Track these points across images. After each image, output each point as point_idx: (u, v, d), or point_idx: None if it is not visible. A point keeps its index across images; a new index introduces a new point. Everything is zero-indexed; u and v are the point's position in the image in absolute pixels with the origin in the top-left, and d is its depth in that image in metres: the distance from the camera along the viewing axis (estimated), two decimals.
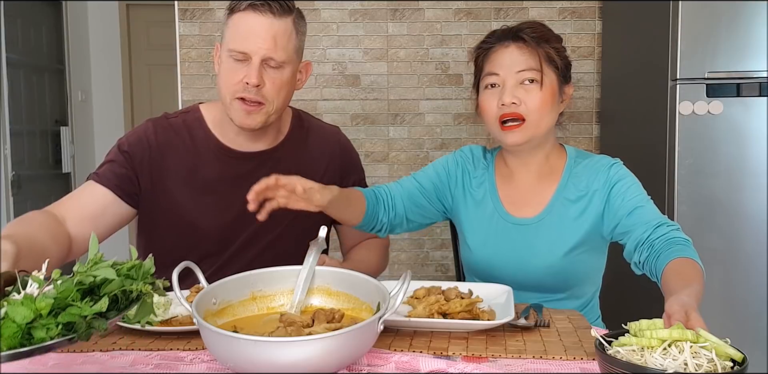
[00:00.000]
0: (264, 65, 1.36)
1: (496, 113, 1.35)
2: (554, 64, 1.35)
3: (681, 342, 0.83)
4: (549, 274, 1.38)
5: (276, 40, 1.35)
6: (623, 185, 1.36)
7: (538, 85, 1.33)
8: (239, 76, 1.36)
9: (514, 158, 1.44)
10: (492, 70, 1.36)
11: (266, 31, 1.35)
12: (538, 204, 1.41)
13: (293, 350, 0.85)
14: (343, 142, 1.62)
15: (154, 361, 0.99)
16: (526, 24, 1.38)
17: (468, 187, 1.48)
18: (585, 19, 3.02)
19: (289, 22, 1.38)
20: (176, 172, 1.46)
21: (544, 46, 1.35)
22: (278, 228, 1.48)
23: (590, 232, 1.38)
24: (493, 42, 1.38)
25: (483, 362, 0.99)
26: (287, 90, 1.42)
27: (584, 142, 3.05)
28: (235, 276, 1.09)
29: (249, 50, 1.35)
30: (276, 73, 1.38)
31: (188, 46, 3.04)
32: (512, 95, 1.32)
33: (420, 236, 3.11)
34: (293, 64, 1.41)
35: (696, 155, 2.20)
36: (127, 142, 1.47)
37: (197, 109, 1.53)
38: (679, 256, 1.17)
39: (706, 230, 2.20)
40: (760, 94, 2.16)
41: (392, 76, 3.06)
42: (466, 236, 1.47)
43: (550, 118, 1.36)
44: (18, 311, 0.74)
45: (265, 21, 1.35)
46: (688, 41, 2.16)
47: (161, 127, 1.48)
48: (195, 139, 1.48)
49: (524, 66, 1.33)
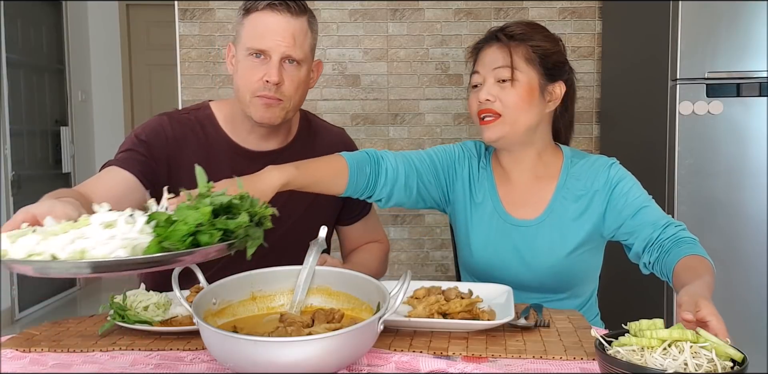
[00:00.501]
0: (283, 63, 1.38)
1: (475, 110, 1.38)
2: (535, 63, 1.35)
3: (681, 342, 0.83)
4: (551, 275, 1.39)
5: (294, 38, 1.38)
6: (625, 185, 1.36)
7: (511, 82, 1.34)
8: (258, 74, 1.38)
9: (505, 156, 1.44)
10: (475, 68, 1.40)
11: (285, 29, 1.37)
12: (538, 204, 1.41)
13: (293, 350, 0.85)
14: (348, 143, 1.63)
15: (154, 361, 0.99)
16: (513, 23, 1.39)
17: (473, 183, 1.47)
18: (585, 19, 3.02)
19: (304, 21, 1.41)
20: (190, 165, 1.45)
21: (524, 45, 1.35)
22: (282, 228, 1.48)
23: (591, 232, 1.38)
24: (482, 43, 1.41)
25: (483, 362, 0.99)
26: (303, 88, 1.44)
27: (584, 142, 3.06)
28: (235, 276, 1.09)
29: (268, 48, 1.37)
30: (294, 71, 1.40)
31: (188, 46, 3.05)
32: (487, 93, 1.35)
33: (420, 236, 3.11)
34: (308, 62, 1.44)
35: (696, 155, 2.20)
36: (144, 132, 1.46)
37: (208, 106, 1.53)
38: (689, 254, 1.20)
39: (706, 230, 2.20)
40: (760, 94, 2.16)
41: (392, 76, 3.06)
42: (468, 237, 1.46)
43: (529, 116, 1.35)
44: (189, 214, 0.82)
45: (283, 19, 1.37)
46: (688, 41, 2.16)
47: (176, 121, 1.48)
48: (207, 136, 1.48)
49: (499, 63, 1.35)
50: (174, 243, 0.81)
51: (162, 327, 1.12)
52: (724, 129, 2.18)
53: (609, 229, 1.37)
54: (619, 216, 1.34)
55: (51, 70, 4.90)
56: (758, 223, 2.18)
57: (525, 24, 1.39)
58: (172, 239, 0.82)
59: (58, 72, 5.00)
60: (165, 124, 1.47)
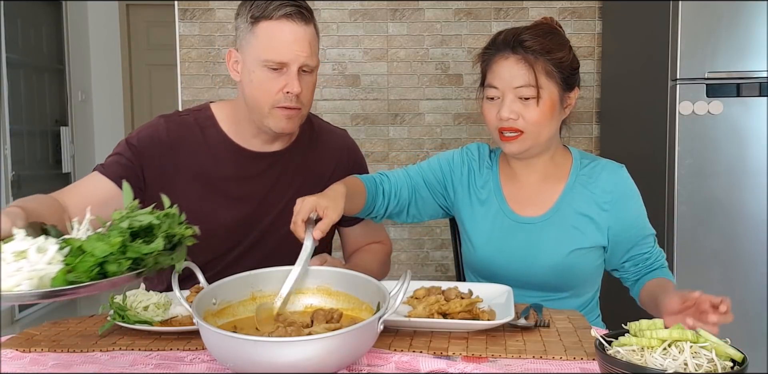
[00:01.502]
0: (300, 72, 1.37)
1: (495, 124, 1.36)
2: (555, 77, 1.33)
3: (681, 342, 0.83)
4: (553, 273, 1.39)
5: (311, 46, 1.37)
6: (632, 207, 1.39)
7: (536, 100, 1.32)
8: (278, 85, 1.36)
9: (518, 161, 1.44)
10: (491, 82, 1.36)
11: (302, 38, 1.36)
12: (544, 203, 1.42)
13: (293, 350, 0.85)
14: (350, 144, 1.63)
15: (154, 361, 0.99)
16: (529, 32, 1.33)
17: (473, 187, 1.48)
18: (585, 19, 3.02)
19: (314, 26, 1.40)
20: (188, 168, 1.46)
21: (543, 59, 1.31)
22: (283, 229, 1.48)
23: (594, 235, 1.39)
24: (494, 51, 1.36)
25: (483, 362, 0.99)
26: (313, 92, 1.45)
27: (584, 142, 3.06)
28: (235, 276, 1.09)
29: (288, 59, 1.35)
30: (309, 78, 1.40)
31: (188, 46, 3.04)
32: (510, 110, 1.32)
33: (420, 236, 3.11)
34: (317, 68, 1.43)
35: (696, 155, 2.20)
36: (137, 136, 1.46)
37: (208, 107, 1.53)
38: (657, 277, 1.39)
39: (706, 230, 2.20)
40: (760, 94, 2.16)
41: (392, 76, 3.06)
42: (470, 234, 1.47)
43: (550, 129, 1.36)
44: (96, 246, 0.82)
45: (299, 29, 1.35)
46: (688, 41, 2.16)
47: (174, 124, 1.48)
48: (207, 138, 1.48)
49: (522, 82, 1.31)
50: (79, 275, 0.82)
51: (162, 327, 1.12)
52: (724, 129, 2.18)
53: (606, 241, 1.41)
54: (617, 246, 1.40)
55: (51, 70, 4.90)
56: (758, 223, 2.18)
57: (540, 33, 1.34)
58: (78, 270, 0.82)
59: (58, 72, 5.00)
60: (161, 128, 1.47)
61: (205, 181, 1.46)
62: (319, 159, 1.55)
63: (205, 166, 1.47)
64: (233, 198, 1.47)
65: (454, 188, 1.49)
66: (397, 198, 1.44)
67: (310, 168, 1.52)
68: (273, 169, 1.49)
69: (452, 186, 1.49)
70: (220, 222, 1.46)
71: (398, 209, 1.46)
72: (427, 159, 1.53)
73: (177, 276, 0.99)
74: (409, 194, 1.46)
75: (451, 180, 1.49)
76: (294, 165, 1.51)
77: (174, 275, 0.99)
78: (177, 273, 0.99)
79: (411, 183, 1.47)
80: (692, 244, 2.21)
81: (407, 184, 1.46)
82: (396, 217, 1.49)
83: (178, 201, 1.44)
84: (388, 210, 1.44)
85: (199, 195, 1.46)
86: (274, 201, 1.48)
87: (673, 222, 2.21)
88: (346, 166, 1.58)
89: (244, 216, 1.46)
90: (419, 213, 1.50)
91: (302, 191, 1.41)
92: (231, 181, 1.47)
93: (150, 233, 0.90)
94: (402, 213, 1.48)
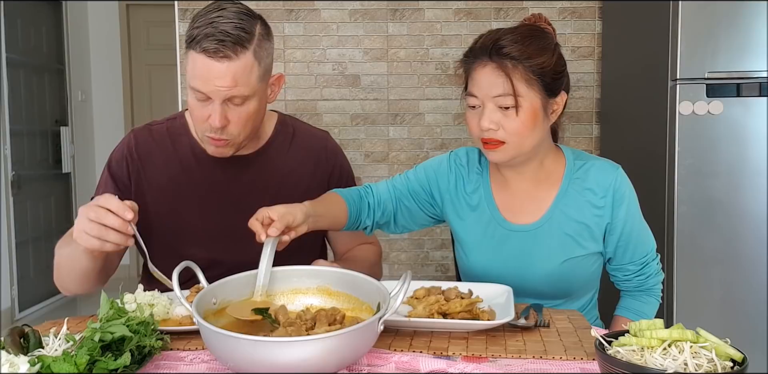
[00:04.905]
0: (227, 103, 1.31)
1: (477, 134, 1.32)
2: (536, 84, 1.27)
3: (681, 342, 0.83)
4: (547, 282, 1.37)
5: (237, 79, 1.28)
6: (629, 211, 1.36)
7: (515, 110, 1.27)
8: (204, 114, 1.32)
9: (507, 167, 1.40)
10: (471, 90, 1.31)
11: (224, 74, 1.27)
12: (537, 210, 1.38)
13: (293, 350, 0.85)
14: (330, 146, 1.58)
15: (153, 361, 0.99)
16: (508, 37, 1.28)
17: (461, 193, 1.45)
18: (585, 19, 3.02)
19: (248, 56, 1.28)
20: (157, 181, 1.46)
21: (522, 66, 1.26)
22: None
23: (588, 242, 1.37)
24: (472, 58, 1.32)
25: (483, 362, 0.99)
26: (255, 117, 1.37)
27: (584, 142, 3.06)
28: (234, 276, 1.10)
29: (208, 92, 1.28)
30: (241, 108, 1.32)
31: None
32: (489, 120, 1.28)
33: (420, 236, 3.11)
34: (259, 91, 1.34)
35: (696, 155, 2.20)
36: (113, 159, 1.49)
37: (183, 115, 1.52)
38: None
39: (706, 230, 2.20)
40: (760, 94, 2.16)
41: (392, 76, 3.06)
42: (462, 242, 1.45)
43: (533, 138, 1.31)
44: (62, 367, 0.84)
45: (221, 66, 1.26)
46: (688, 41, 2.16)
47: (141, 139, 1.49)
48: (177, 146, 1.47)
49: (500, 91, 1.26)
50: None
51: (162, 327, 1.12)
52: (724, 129, 2.18)
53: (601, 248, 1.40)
54: (614, 248, 1.39)
55: (51, 70, 4.90)
56: (758, 223, 2.18)
57: (519, 38, 1.28)
58: None
59: (58, 72, 5.00)
60: (131, 145, 1.48)
61: (176, 191, 1.45)
62: (296, 161, 1.52)
63: (175, 176, 1.46)
64: (207, 205, 1.46)
65: (442, 196, 1.46)
66: (381, 210, 1.43)
67: (285, 170, 1.49)
68: (244, 174, 1.46)
69: (439, 194, 1.46)
70: (193, 231, 1.45)
71: (385, 220, 1.45)
72: (415, 167, 1.51)
73: (177, 276, 0.99)
74: (393, 205, 1.45)
75: (438, 188, 1.46)
76: (268, 168, 1.48)
77: (174, 275, 0.99)
78: (177, 273, 0.99)
79: (395, 193, 1.45)
80: (692, 244, 2.20)
81: (391, 195, 1.45)
82: (385, 228, 1.48)
83: (154, 213, 1.44)
84: (375, 221, 1.43)
85: (172, 205, 1.45)
86: (249, 206, 1.35)
87: (673, 222, 2.21)
88: (325, 167, 1.54)
89: (221, 222, 1.45)
90: (408, 223, 1.48)
91: (281, 194, 1.40)
92: (201, 188, 1.46)
93: (122, 344, 0.93)
94: (390, 224, 1.47)
